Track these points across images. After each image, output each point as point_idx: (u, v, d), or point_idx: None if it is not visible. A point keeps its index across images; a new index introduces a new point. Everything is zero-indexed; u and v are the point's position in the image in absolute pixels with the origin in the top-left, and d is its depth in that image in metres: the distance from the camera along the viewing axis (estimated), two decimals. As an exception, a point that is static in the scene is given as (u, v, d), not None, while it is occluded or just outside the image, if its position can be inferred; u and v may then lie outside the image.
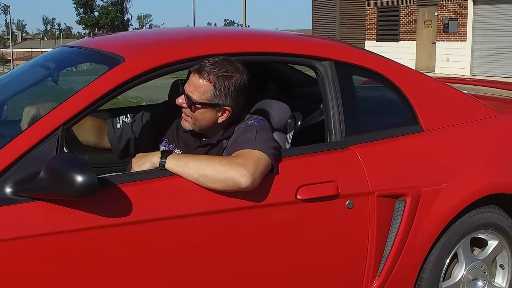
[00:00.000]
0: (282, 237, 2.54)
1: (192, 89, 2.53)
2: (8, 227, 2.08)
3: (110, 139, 2.90)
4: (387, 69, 3.02)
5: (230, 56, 2.59)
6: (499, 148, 3.22)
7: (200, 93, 2.52)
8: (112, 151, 2.94)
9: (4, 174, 2.12)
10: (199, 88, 2.52)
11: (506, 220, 3.16)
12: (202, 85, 2.52)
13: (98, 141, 2.91)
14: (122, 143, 2.88)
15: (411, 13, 22.42)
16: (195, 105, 2.54)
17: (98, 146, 2.93)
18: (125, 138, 2.88)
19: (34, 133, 2.21)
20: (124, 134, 2.88)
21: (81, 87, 2.35)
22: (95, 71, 2.56)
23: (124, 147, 2.89)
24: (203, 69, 2.51)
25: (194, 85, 2.53)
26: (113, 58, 2.51)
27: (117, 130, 2.88)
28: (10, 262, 2.08)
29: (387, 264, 2.80)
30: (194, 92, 2.53)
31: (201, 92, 2.52)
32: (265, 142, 2.47)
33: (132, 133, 2.88)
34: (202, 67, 2.52)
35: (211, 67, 2.51)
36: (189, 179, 2.33)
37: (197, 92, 2.53)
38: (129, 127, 2.89)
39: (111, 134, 2.89)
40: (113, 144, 2.90)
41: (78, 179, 2.00)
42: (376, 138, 2.84)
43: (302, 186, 2.54)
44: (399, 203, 2.79)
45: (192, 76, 2.55)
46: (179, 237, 2.34)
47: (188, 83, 2.56)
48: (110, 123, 2.91)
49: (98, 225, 2.17)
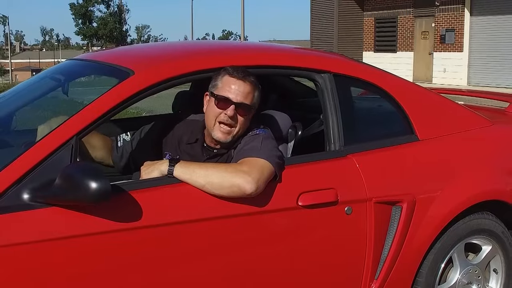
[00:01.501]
0: (284, 241, 2.66)
1: (243, 97, 2.66)
2: (25, 231, 2.19)
3: (113, 157, 3.03)
4: (383, 81, 3.15)
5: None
6: (492, 157, 3.34)
7: (251, 98, 2.69)
8: (115, 168, 3.06)
9: (21, 181, 2.23)
10: (250, 94, 2.68)
11: (499, 226, 3.28)
12: (251, 91, 2.68)
13: (105, 157, 3.03)
14: (123, 161, 3.01)
15: (408, 24, 22.58)
16: (251, 110, 2.70)
17: (104, 162, 3.04)
18: (125, 156, 3.01)
19: (49, 143, 2.32)
20: (125, 152, 3.01)
21: (93, 99, 2.47)
22: (105, 83, 2.67)
23: (125, 164, 3.01)
24: (247, 75, 2.67)
25: (243, 92, 2.66)
26: (123, 71, 2.63)
27: (118, 148, 3.01)
28: (27, 265, 2.18)
29: (384, 268, 2.91)
30: (247, 98, 2.67)
31: (251, 97, 2.69)
32: (269, 151, 2.59)
33: (132, 151, 2.99)
34: (246, 74, 2.67)
35: (246, 72, 2.68)
36: (196, 186, 2.44)
37: (249, 97, 2.67)
38: (129, 145, 3.01)
39: (114, 153, 3.02)
40: (115, 163, 3.04)
41: (92, 185, 2.11)
42: (373, 147, 2.96)
43: (303, 193, 2.65)
44: (396, 210, 2.91)
45: (233, 85, 2.65)
46: (186, 242, 2.45)
47: (232, 93, 2.65)
48: (114, 142, 3.04)
49: (110, 229, 2.28)
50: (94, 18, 75.44)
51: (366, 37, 24.52)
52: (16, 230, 2.18)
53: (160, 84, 2.58)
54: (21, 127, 3.11)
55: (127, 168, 2.98)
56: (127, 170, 2.97)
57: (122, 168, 3.02)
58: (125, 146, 3.01)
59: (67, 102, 3.12)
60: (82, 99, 2.59)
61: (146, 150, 2.92)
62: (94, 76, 3.42)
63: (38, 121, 2.75)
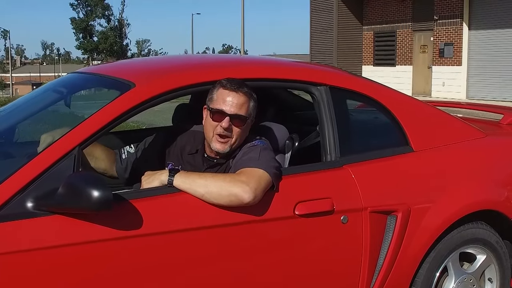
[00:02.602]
0: (281, 250, 2.72)
1: (237, 108, 2.72)
2: (29, 239, 2.25)
3: (117, 169, 3.10)
4: (378, 93, 3.22)
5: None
6: (485, 167, 3.41)
7: (246, 109, 2.75)
8: (119, 179, 3.13)
9: (25, 190, 2.29)
10: (244, 105, 2.74)
11: (493, 235, 3.34)
12: (245, 101, 2.74)
13: (107, 169, 3.09)
14: (127, 172, 3.08)
15: (407, 38, 22.70)
16: (246, 121, 2.76)
17: (107, 173, 3.11)
18: (130, 167, 3.07)
19: (52, 153, 2.39)
20: (129, 163, 3.07)
21: (95, 111, 2.54)
22: (107, 95, 2.74)
23: (130, 176, 3.07)
24: (241, 87, 2.73)
25: (237, 103, 2.72)
26: (125, 84, 2.71)
27: (123, 160, 3.08)
28: (30, 271, 2.25)
29: (379, 277, 2.96)
30: (241, 109, 2.73)
31: (246, 108, 2.75)
32: (267, 162, 2.66)
33: (137, 162, 3.06)
34: (239, 85, 2.73)
35: (240, 83, 2.75)
36: (195, 195, 2.51)
37: (244, 108, 2.73)
38: (134, 157, 3.08)
39: (118, 164, 3.08)
40: (119, 174, 3.10)
41: (94, 194, 2.18)
42: (368, 158, 3.03)
43: (300, 202, 2.72)
44: (391, 219, 2.97)
45: (228, 97, 2.72)
46: (185, 250, 2.51)
47: (226, 105, 2.71)
48: (117, 155, 3.10)
49: (112, 237, 2.35)
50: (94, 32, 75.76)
51: (366, 51, 24.65)
52: (20, 237, 2.25)
53: (161, 96, 2.65)
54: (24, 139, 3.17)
55: (132, 179, 3.03)
56: (131, 181, 3.03)
57: (127, 179, 3.09)
58: (129, 158, 3.07)
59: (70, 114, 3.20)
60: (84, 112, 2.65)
61: (150, 160, 2.98)
62: (96, 88, 3.49)
63: (42, 133, 2.82)
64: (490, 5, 19.48)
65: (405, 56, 22.88)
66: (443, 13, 20.85)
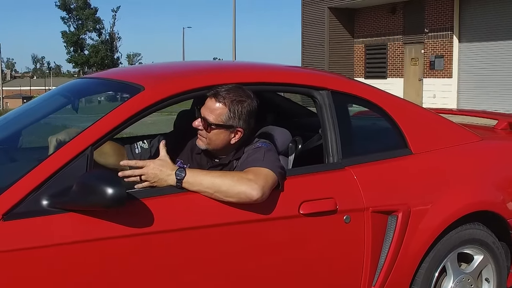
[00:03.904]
0: (287, 247, 2.80)
1: (208, 112, 2.81)
2: (44, 235, 2.32)
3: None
4: (378, 98, 3.32)
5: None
6: (481, 170, 3.51)
7: (216, 115, 2.81)
8: None
9: (40, 189, 2.37)
10: (215, 111, 2.81)
11: (490, 236, 3.43)
12: (217, 108, 2.81)
13: (117, 164, 3.14)
14: None
15: (398, 51, 22.93)
16: (211, 126, 2.82)
17: (118, 169, 3.16)
18: None
19: (66, 153, 2.47)
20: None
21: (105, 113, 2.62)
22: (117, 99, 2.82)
23: None
24: (218, 94, 2.81)
25: (210, 108, 2.81)
26: (134, 87, 2.79)
27: (135, 155, 3.13)
28: (45, 267, 2.32)
29: (381, 275, 3.04)
30: (210, 114, 2.81)
31: (216, 115, 2.81)
32: (272, 162, 2.75)
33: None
34: (218, 92, 2.81)
35: (226, 92, 2.81)
36: (205, 194, 2.59)
37: (213, 114, 2.81)
38: (147, 152, 3.14)
39: (129, 159, 3.13)
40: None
41: (109, 191, 2.25)
42: (369, 160, 3.12)
43: (304, 201, 2.80)
44: (392, 219, 3.05)
45: (208, 100, 2.83)
46: (194, 247, 2.58)
47: (204, 107, 2.83)
48: (128, 149, 3.16)
49: (123, 234, 2.42)
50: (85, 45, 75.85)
51: (357, 64, 24.87)
52: (35, 234, 2.31)
53: (169, 99, 2.74)
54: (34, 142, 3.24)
55: None
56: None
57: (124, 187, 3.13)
58: (143, 153, 3.13)
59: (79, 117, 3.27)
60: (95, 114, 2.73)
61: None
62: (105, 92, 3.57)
63: (49, 135, 2.89)
64: (480, 18, 19.74)
65: (396, 68, 23.10)
66: (433, 26, 21.09)
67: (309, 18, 25.40)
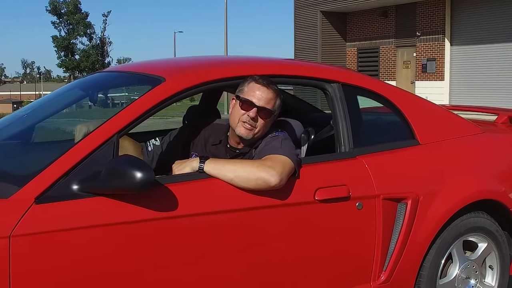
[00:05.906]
0: (304, 232, 2.91)
1: (265, 102, 2.95)
2: (74, 218, 2.42)
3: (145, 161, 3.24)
4: (386, 91, 3.45)
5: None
6: (485, 160, 3.66)
7: (272, 104, 2.98)
8: None
9: (69, 174, 2.47)
10: (271, 100, 2.97)
11: (493, 224, 3.56)
12: (273, 97, 2.97)
13: None
14: (153, 164, 3.23)
15: (390, 54, 23.12)
16: (273, 114, 2.98)
17: None
18: (155, 159, 3.23)
19: (94, 139, 2.57)
20: (155, 155, 3.23)
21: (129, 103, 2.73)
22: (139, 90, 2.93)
23: (156, 168, 3.21)
24: (270, 83, 2.97)
25: (266, 98, 2.95)
26: (155, 79, 2.90)
27: (149, 152, 3.24)
28: (75, 249, 2.41)
29: (391, 261, 3.16)
30: (269, 103, 2.96)
31: (273, 103, 2.98)
32: (289, 149, 2.87)
33: (163, 154, 3.23)
34: (268, 82, 2.97)
35: (270, 81, 2.98)
36: (225, 180, 2.69)
37: (271, 103, 2.96)
38: (159, 149, 3.25)
39: (144, 157, 3.23)
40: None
41: (138, 175, 2.35)
42: (379, 150, 3.24)
43: (319, 188, 2.92)
44: (401, 206, 3.18)
45: (258, 91, 2.95)
46: (216, 231, 2.69)
47: (256, 98, 2.94)
48: (144, 148, 3.26)
49: (150, 218, 2.52)
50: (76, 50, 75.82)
51: (349, 67, 25.03)
52: (66, 217, 2.41)
53: (189, 90, 2.85)
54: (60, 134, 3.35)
55: (157, 171, 3.19)
56: (157, 172, 3.19)
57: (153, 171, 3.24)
58: (155, 150, 3.23)
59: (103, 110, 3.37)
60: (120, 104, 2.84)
61: (176, 152, 3.15)
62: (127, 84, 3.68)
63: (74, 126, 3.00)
64: (471, 21, 19.97)
65: (389, 71, 23.29)
66: (425, 30, 21.31)
67: (301, 21, 25.55)
